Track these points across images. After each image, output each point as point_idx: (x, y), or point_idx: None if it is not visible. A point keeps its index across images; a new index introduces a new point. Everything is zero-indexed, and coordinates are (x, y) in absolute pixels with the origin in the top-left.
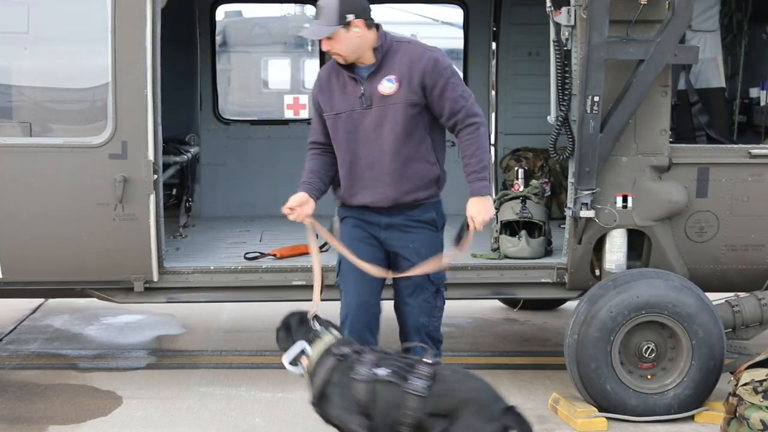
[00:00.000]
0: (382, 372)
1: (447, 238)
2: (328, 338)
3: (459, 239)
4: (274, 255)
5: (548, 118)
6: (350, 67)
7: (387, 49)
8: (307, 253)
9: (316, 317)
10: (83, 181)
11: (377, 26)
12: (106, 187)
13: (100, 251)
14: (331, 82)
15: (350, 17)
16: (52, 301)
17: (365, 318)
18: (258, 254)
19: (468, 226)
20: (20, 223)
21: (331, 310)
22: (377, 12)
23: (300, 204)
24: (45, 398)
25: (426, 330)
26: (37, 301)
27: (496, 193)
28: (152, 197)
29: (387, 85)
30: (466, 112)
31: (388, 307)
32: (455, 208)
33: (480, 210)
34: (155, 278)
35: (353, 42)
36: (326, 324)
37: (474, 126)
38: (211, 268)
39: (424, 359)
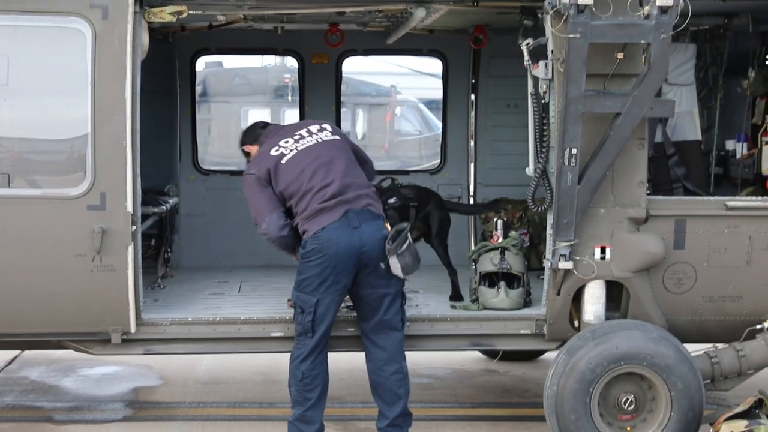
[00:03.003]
0: None
1: None
2: None
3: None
4: None
5: (526, 170)
6: None
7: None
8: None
9: None
10: (61, 233)
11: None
12: (84, 239)
13: (77, 303)
14: None
15: (245, 149)
16: (29, 353)
17: None
18: None
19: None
20: None
21: None
22: (360, 63)
23: None
24: None
25: None
26: (12, 353)
27: (476, 244)
28: (130, 248)
29: None
30: None
31: None
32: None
33: None
34: (133, 330)
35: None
36: None
37: None
38: (189, 319)
39: None
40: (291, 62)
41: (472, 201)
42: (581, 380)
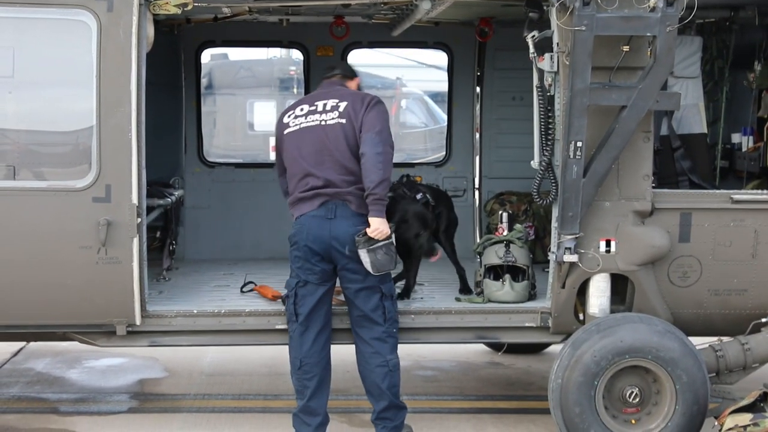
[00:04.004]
0: None
1: None
2: None
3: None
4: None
5: (532, 162)
6: None
7: None
8: (271, 298)
9: None
10: (66, 225)
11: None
12: (89, 231)
13: (82, 294)
14: None
15: None
16: (34, 344)
17: None
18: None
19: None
20: (2, 266)
21: None
22: (365, 55)
23: None
24: None
25: None
26: (18, 344)
27: (480, 237)
28: (135, 240)
29: None
30: None
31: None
32: None
33: None
34: (138, 322)
35: None
36: None
37: None
38: (194, 311)
39: None
40: (296, 55)
41: (477, 194)
42: (586, 373)
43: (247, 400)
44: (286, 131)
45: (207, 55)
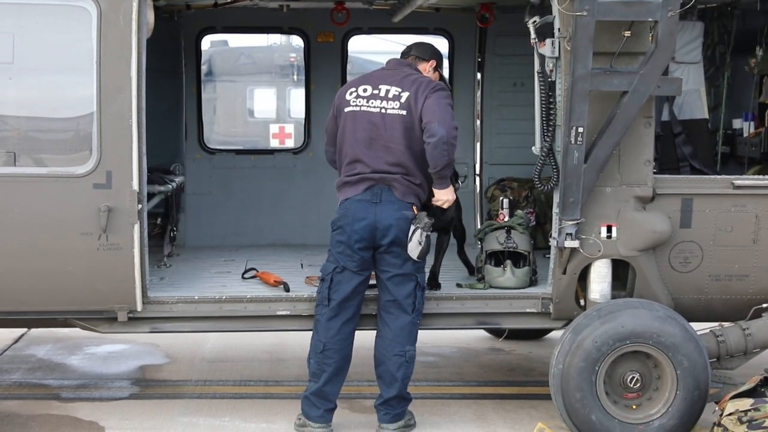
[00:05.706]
0: None
1: None
2: None
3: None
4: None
5: (533, 148)
6: None
7: None
8: (273, 284)
9: None
10: (67, 211)
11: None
12: (90, 217)
13: (83, 281)
14: None
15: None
16: (35, 331)
17: None
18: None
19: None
20: (3, 253)
21: None
22: (365, 42)
23: None
24: (26, 429)
25: None
26: (19, 331)
27: (482, 223)
28: (136, 227)
29: None
30: None
31: None
32: None
33: None
34: (139, 308)
35: None
36: None
37: None
38: (196, 297)
39: None
40: (296, 41)
41: (478, 180)
42: (587, 359)
43: (248, 387)
44: (346, 108)
45: (207, 42)
